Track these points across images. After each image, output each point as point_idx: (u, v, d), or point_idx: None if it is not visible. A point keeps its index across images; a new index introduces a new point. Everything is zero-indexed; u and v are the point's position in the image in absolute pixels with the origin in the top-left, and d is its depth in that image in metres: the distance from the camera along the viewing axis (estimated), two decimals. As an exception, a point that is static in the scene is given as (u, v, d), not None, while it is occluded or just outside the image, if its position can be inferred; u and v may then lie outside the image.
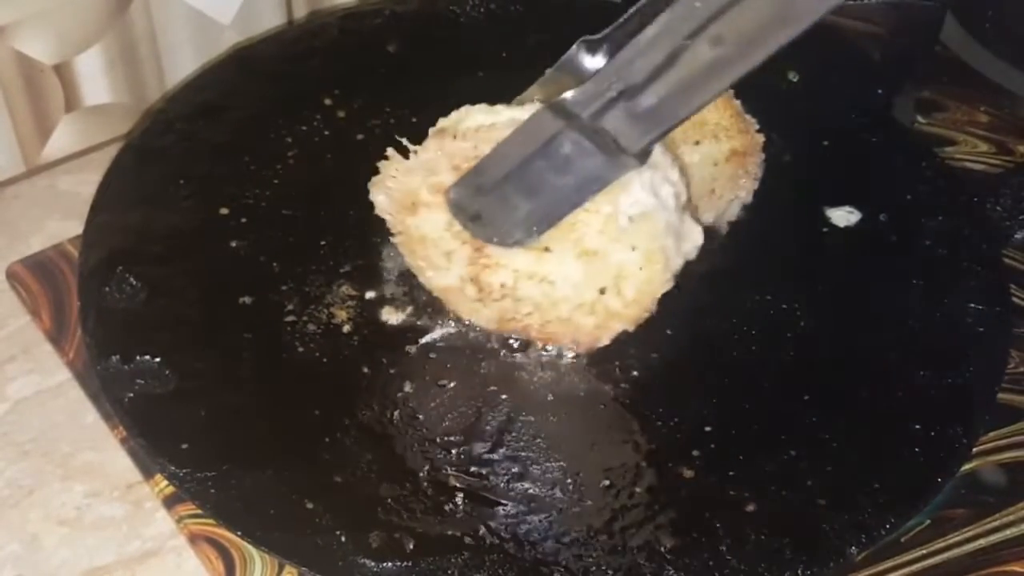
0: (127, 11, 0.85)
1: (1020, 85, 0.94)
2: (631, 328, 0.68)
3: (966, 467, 0.68)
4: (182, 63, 0.90)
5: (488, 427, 0.67)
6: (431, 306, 0.72)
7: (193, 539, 0.66)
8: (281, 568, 0.64)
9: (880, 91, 0.89)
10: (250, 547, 0.65)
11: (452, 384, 0.69)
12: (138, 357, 0.68)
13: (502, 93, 0.81)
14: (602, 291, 0.67)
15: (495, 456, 0.66)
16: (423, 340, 0.71)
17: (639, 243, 0.65)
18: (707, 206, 0.74)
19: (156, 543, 0.67)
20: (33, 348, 0.76)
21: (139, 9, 0.85)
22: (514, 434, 0.67)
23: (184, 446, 0.64)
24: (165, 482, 0.67)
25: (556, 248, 0.66)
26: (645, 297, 0.67)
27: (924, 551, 0.66)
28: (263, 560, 0.64)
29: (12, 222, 0.84)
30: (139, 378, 0.67)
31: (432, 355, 0.70)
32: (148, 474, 0.69)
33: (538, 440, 0.66)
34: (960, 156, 0.89)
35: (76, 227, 0.81)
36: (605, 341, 0.69)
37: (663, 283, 0.66)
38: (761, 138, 0.77)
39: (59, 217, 0.84)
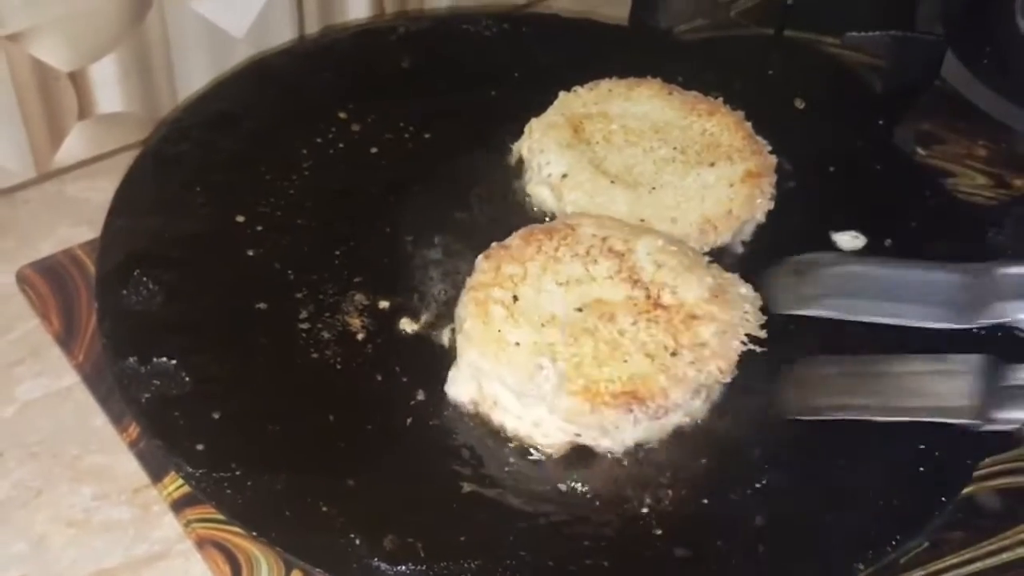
0: (143, 21, 0.85)
1: (1017, 120, 0.95)
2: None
3: (964, 491, 0.69)
4: (194, 74, 0.90)
5: (502, 434, 0.68)
6: (443, 316, 0.73)
7: (200, 543, 0.66)
8: (288, 572, 0.64)
9: (881, 122, 0.91)
10: (256, 552, 0.65)
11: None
12: (154, 359, 0.68)
13: (514, 111, 0.83)
14: None
15: (509, 463, 0.66)
16: (435, 349, 0.72)
17: None
18: (725, 226, 0.75)
19: (163, 546, 0.67)
20: (42, 351, 0.76)
21: (154, 20, 0.86)
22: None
23: (200, 447, 0.65)
24: (173, 486, 0.68)
25: None
26: None
27: (922, 572, 0.67)
28: (269, 565, 0.65)
29: (22, 226, 0.84)
30: (155, 379, 0.67)
31: (445, 364, 0.71)
32: (156, 478, 0.69)
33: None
34: (959, 188, 0.90)
35: (86, 233, 0.82)
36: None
37: None
38: (774, 159, 0.78)
39: (69, 223, 0.84)
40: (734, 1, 1.04)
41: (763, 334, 0.68)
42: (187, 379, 0.68)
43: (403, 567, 0.61)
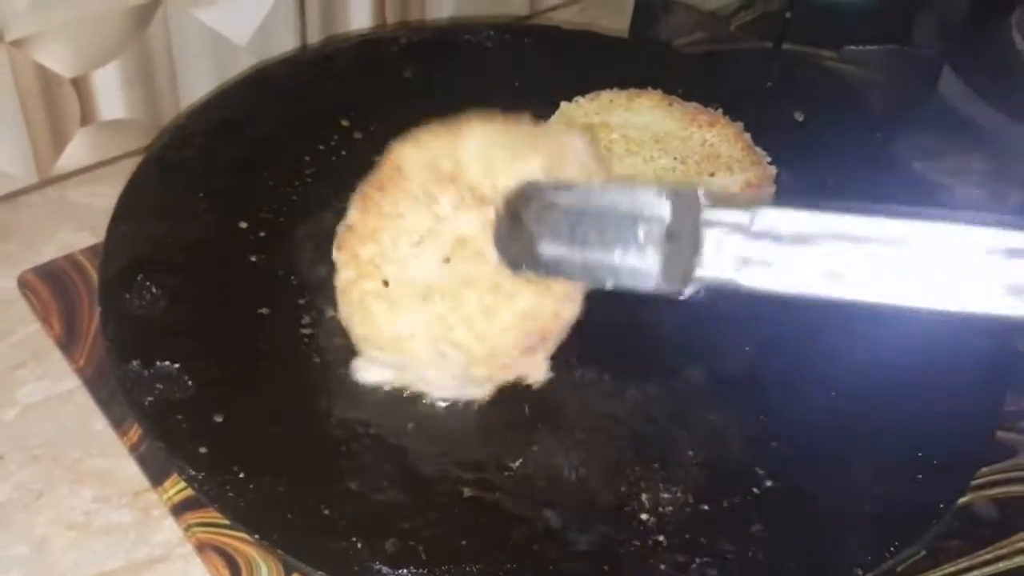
0: (146, 29, 0.86)
1: (1013, 136, 0.96)
2: None
3: (961, 500, 0.70)
4: (197, 82, 0.91)
5: (506, 441, 0.68)
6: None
7: (200, 547, 0.66)
8: (287, 576, 0.65)
9: (878, 135, 0.91)
10: (256, 556, 0.65)
11: (472, 400, 0.70)
12: (157, 363, 0.68)
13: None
14: None
15: (513, 468, 0.67)
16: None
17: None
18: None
19: (164, 550, 0.67)
20: (43, 355, 0.76)
21: (158, 27, 0.86)
22: (534, 449, 0.68)
23: (202, 450, 0.65)
24: (173, 490, 0.68)
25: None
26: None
27: (919, 581, 0.68)
28: (269, 568, 0.65)
29: (24, 231, 0.84)
30: (158, 383, 0.68)
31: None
32: (156, 481, 0.69)
33: (556, 457, 0.67)
34: (956, 202, 0.91)
35: (87, 238, 0.82)
36: None
37: None
38: (773, 170, 0.79)
39: (71, 228, 0.85)
40: (733, 15, 1.05)
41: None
42: (190, 383, 0.68)
43: (405, 571, 0.61)
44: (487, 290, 0.64)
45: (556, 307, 0.65)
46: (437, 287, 0.65)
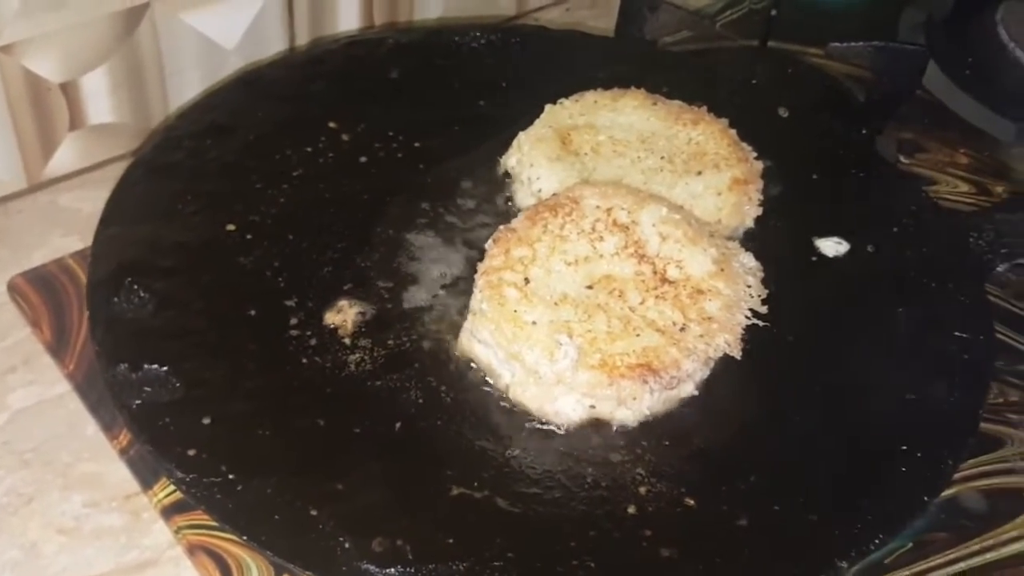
0: (134, 33, 0.86)
1: (998, 129, 0.96)
2: None
3: (947, 492, 0.70)
4: (186, 86, 0.91)
5: (492, 438, 0.68)
6: (432, 322, 0.74)
7: (191, 549, 0.67)
8: (277, 578, 0.65)
9: (864, 131, 0.92)
10: (247, 557, 0.66)
11: (456, 398, 0.70)
12: (145, 366, 0.69)
13: (502, 122, 0.84)
14: None
15: (498, 465, 0.67)
16: (424, 354, 0.72)
17: None
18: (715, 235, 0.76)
19: (154, 553, 0.68)
20: (33, 359, 0.77)
21: (146, 32, 0.87)
22: (519, 449, 0.68)
23: (191, 452, 0.65)
24: (163, 493, 0.68)
25: None
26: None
27: (907, 572, 0.68)
28: (259, 570, 0.65)
29: (14, 236, 0.85)
30: (146, 386, 0.68)
31: (435, 371, 0.71)
32: (146, 485, 0.69)
33: (543, 455, 0.68)
34: (941, 195, 0.91)
35: (77, 243, 0.83)
36: None
37: None
38: (760, 165, 0.79)
39: (60, 232, 0.85)
40: (719, 14, 1.06)
41: (764, 309, 0.70)
42: (178, 385, 0.68)
43: (392, 569, 0.61)
44: (617, 319, 0.68)
45: (680, 358, 0.67)
46: (572, 300, 0.69)
